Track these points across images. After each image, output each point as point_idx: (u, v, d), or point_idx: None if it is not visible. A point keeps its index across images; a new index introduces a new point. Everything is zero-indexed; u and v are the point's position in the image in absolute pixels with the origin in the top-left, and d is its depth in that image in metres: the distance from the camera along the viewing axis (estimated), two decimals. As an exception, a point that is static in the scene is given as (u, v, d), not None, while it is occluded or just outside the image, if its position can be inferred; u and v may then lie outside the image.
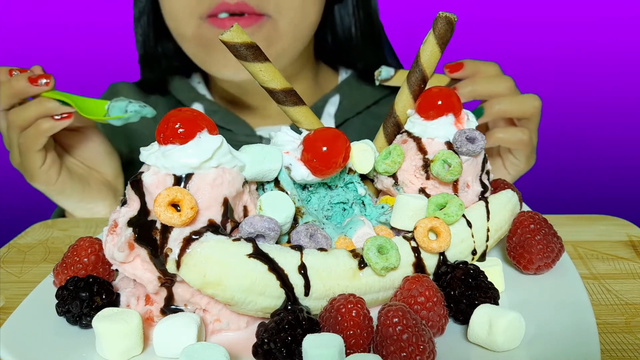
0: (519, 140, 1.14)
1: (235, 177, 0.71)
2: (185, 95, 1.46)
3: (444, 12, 0.80)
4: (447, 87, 0.85)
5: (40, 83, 1.08)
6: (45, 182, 1.17)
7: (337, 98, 1.47)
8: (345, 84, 1.49)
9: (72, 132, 1.21)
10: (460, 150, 0.79)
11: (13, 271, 0.96)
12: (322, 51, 1.52)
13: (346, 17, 1.45)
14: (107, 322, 0.65)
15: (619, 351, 0.71)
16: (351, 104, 1.47)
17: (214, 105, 1.45)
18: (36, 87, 1.08)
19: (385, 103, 1.51)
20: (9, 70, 1.12)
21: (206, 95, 1.48)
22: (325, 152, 0.75)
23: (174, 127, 0.69)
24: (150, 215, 0.68)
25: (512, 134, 1.14)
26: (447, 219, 0.76)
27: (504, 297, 0.76)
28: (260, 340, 0.63)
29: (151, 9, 1.42)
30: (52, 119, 1.09)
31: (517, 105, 1.12)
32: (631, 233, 1.04)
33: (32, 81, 1.08)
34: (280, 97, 0.82)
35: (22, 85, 1.08)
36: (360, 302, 0.65)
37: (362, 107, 1.48)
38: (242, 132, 1.42)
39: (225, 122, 1.42)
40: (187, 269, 0.66)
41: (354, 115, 1.47)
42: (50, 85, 1.09)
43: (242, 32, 0.77)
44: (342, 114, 1.45)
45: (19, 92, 1.09)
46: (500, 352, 0.65)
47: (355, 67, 1.51)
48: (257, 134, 1.43)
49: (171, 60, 1.48)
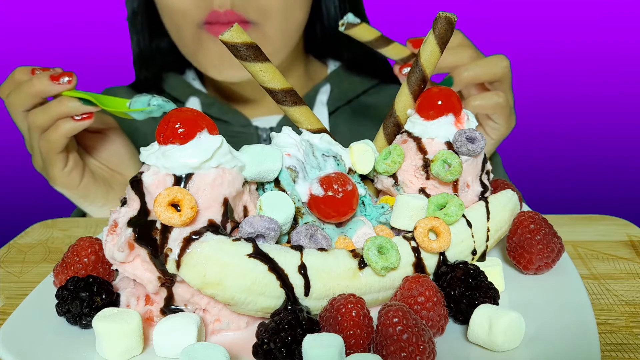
0: (496, 103, 1.12)
1: (235, 177, 0.71)
2: (180, 92, 1.47)
3: (444, 12, 0.80)
4: (447, 87, 0.85)
5: (62, 81, 1.06)
6: (68, 186, 1.15)
7: (328, 87, 1.49)
8: (334, 74, 1.52)
9: (94, 134, 1.20)
10: (460, 150, 0.79)
11: (13, 271, 0.96)
12: (311, 44, 1.54)
13: (332, 9, 1.46)
14: (107, 322, 0.65)
15: (619, 351, 0.71)
16: (342, 93, 1.49)
17: (210, 98, 1.47)
18: (58, 85, 1.06)
19: (373, 93, 1.53)
20: (32, 69, 1.11)
21: (201, 89, 1.50)
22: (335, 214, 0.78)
23: (174, 127, 0.69)
24: (150, 215, 0.69)
25: (488, 99, 1.12)
26: (447, 219, 0.76)
27: (504, 297, 0.76)
28: (260, 340, 0.63)
29: (144, 8, 1.43)
30: (72, 120, 1.07)
31: (486, 68, 1.10)
32: (631, 233, 1.04)
33: (54, 79, 1.06)
34: (280, 97, 0.82)
35: (44, 84, 1.07)
36: (360, 302, 0.65)
37: (353, 95, 1.50)
38: (239, 122, 1.44)
39: (222, 114, 1.44)
40: (187, 269, 0.66)
41: (345, 103, 1.49)
42: (72, 83, 1.07)
43: (242, 32, 0.77)
44: (334, 102, 1.48)
45: (41, 91, 1.08)
46: (500, 352, 0.65)
47: (342, 58, 1.53)
48: (253, 124, 1.44)
49: (166, 56, 1.49)
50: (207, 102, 1.45)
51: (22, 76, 1.11)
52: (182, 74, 1.53)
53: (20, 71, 1.12)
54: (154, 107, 1.05)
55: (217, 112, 1.44)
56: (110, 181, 1.22)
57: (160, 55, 1.49)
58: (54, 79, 1.06)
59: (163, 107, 1.05)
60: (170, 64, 1.51)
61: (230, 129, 1.43)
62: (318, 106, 1.46)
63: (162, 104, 1.05)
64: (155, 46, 1.49)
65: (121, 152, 1.23)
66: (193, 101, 1.46)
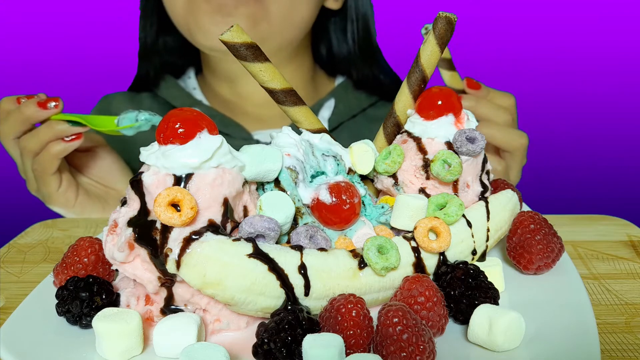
0: (493, 168, 1.17)
1: (235, 177, 0.71)
2: (180, 102, 1.48)
3: (444, 12, 0.80)
4: (447, 87, 0.85)
5: (49, 106, 1.11)
6: (64, 205, 1.19)
7: (332, 102, 1.50)
8: (341, 87, 1.53)
9: (84, 153, 1.23)
10: (460, 150, 0.79)
11: (13, 271, 0.96)
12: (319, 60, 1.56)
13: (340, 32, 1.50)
14: (107, 322, 0.65)
15: (619, 351, 0.71)
16: (346, 108, 1.50)
17: (212, 110, 1.47)
18: (46, 110, 1.11)
19: (382, 105, 1.53)
20: (17, 98, 1.15)
21: (203, 100, 1.50)
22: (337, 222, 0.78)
23: (174, 127, 0.69)
24: (150, 215, 0.68)
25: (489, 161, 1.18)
26: (447, 219, 0.76)
27: (504, 297, 0.76)
28: (260, 340, 0.63)
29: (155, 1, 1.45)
30: (62, 141, 1.11)
31: (505, 135, 1.18)
32: (631, 233, 1.04)
33: (41, 105, 1.11)
34: (280, 97, 0.82)
35: (31, 111, 1.11)
36: (360, 302, 0.65)
37: (358, 110, 1.50)
38: (239, 135, 1.44)
39: (223, 127, 1.44)
40: (187, 269, 0.66)
41: (348, 118, 1.49)
42: (59, 107, 1.11)
43: (242, 32, 0.77)
44: (336, 117, 1.48)
45: (29, 118, 1.12)
46: (500, 352, 0.65)
47: (350, 76, 1.54)
48: (254, 138, 1.45)
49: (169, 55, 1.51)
50: (209, 113, 1.45)
51: (9, 106, 1.15)
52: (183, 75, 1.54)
53: (6, 101, 1.16)
54: (142, 122, 1.09)
55: (218, 125, 1.43)
56: (105, 197, 1.26)
57: (165, 51, 1.50)
58: (41, 105, 1.11)
59: (151, 121, 1.09)
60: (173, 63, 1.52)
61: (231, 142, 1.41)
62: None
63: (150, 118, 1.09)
64: (162, 41, 1.50)
65: (112, 167, 1.26)
66: None
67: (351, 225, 0.79)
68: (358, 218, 0.80)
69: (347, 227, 0.79)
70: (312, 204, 0.78)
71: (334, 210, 0.77)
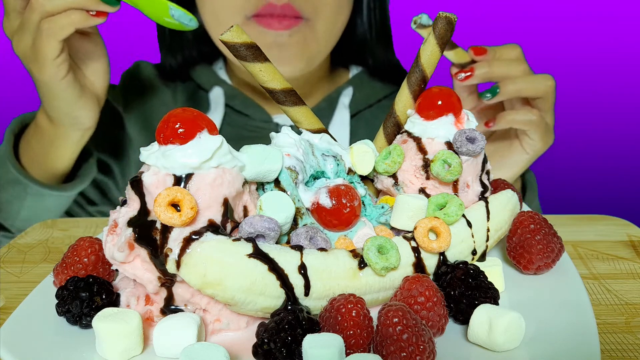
0: (529, 120, 1.15)
1: (235, 177, 0.71)
2: (205, 80, 1.47)
3: (444, 12, 0.80)
4: (447, 87, 0.85)
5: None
6: (54, 76, 1.12)
7: (351, 90, 1.49)
8: (357, 78, 1.52)
9: (83, 36, 1.18)
10: (460, 150, 0.79)
11: (13, 271, 0.96)
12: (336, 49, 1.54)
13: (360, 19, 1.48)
14: (107, 322, 0.65)
15: (619, 351, 0.71)
16: (363, 97, 1.49)
17: (234, 89, 1.46)
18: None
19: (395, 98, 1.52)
20: None
21: (226, 80, 1.48)
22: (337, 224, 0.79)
23: (174, 127, 0.69)
24: (150, 215, 0.68)
25: (522, 115, 1.15)
26: (447, 219, 0.76)
27: (504, 297, 0.76)
28: (260, 340, 0.63)
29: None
30: (87, 13, 1.06)
31: (530, 84, 1.14)
32: (631, 233, 1.04)
33: None
34: (280, 97, 0.82)
35: None
36: (360, 302, 0.65)
37: (374, 100, 1.50)
38: (260, 117, 1.43)
39: (244, 107, 1.43)
40: (187, 269, 0.66)
41: (365, 107, 1.49)
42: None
43: (242, 32, 0.77)
44: (355, 105, 1.48)
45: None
46: (500, 352, 0.65)
47: (366, 64, 1.54)
48: (273, 121, 1.43)
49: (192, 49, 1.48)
50: (231, 93, 1.44)
51: None
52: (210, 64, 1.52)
53: None
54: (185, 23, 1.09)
55: (239, 105, 1.43)
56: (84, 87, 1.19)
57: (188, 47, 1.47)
58: None
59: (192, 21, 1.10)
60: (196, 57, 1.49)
61: (250, 123, 1.42)
62: (340, 108, 1.47)
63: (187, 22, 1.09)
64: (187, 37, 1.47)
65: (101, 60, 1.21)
66: (217, 91, 1.45)
67: (352, 227, 0.79)
68: (358, 220, 0.80)
69: (345, 230, 0.79)
70: (312, 208, 0.78)
71: (334, 213, 0.77)
